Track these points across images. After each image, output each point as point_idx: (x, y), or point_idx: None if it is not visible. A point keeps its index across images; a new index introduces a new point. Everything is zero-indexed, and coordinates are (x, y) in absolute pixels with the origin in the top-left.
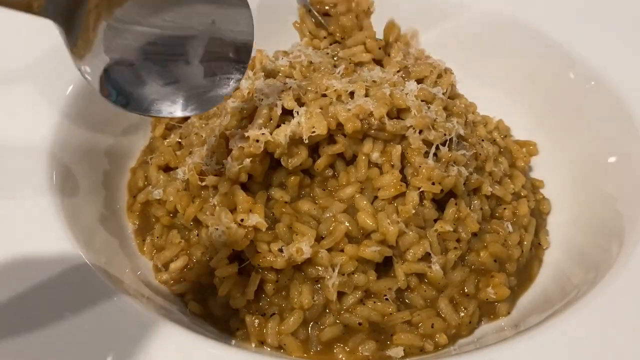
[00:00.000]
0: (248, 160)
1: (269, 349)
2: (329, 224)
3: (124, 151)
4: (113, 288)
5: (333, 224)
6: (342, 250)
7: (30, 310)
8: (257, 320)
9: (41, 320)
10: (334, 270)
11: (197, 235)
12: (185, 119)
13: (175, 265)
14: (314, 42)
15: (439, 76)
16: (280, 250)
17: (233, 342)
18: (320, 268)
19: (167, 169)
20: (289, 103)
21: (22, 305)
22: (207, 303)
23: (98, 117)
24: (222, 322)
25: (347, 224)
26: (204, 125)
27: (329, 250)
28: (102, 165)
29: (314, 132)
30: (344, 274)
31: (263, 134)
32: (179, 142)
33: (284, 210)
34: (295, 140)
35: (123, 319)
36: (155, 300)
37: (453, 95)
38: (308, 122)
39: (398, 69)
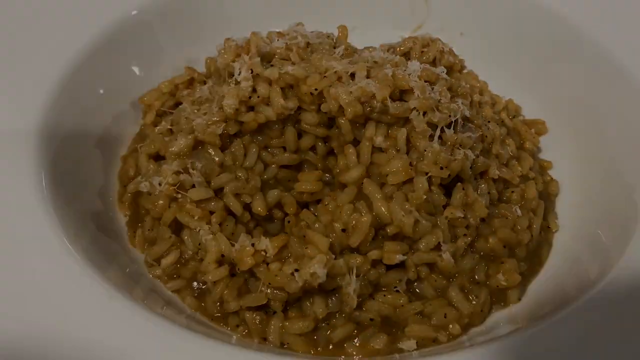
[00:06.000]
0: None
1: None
2: (346, 217)
3: (115, 139)
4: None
5: (354, 217)
6: (358, 251)
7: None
8: (258, 318)
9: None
10: (351, 275)
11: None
12: (177, 104)
13: (166, 261)
14: None
15: (426, 45)
16: (293, 274)
17: (234, 338)
18: (338, 279)
19: (157, 157)
20: None
21: None
22: (204, 298)
23: (87, 103)
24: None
25: (368, 215)
26: (195, 110)
27: (342, 252)
28: (93, 153)
29: None
30: (359, 275)
31: None
32: (170, 129)
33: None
34: None
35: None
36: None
37: (460, 68)
38: None
39: (387, 49)
